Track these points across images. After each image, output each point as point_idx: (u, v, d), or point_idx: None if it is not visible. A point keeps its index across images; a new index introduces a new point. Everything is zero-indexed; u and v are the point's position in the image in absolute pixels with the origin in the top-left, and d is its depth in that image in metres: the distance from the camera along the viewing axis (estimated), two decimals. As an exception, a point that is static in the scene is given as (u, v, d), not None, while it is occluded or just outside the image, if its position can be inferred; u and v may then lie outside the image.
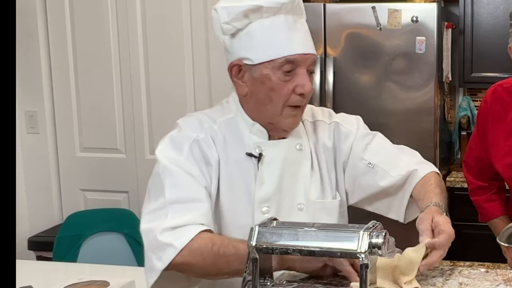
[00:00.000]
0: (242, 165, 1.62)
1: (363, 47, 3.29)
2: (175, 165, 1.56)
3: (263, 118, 1.63)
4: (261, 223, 1.30)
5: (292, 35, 1.56)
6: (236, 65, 1.59)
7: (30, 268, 2.46)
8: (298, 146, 1.67)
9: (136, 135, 3.67)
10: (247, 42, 1.57)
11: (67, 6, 3.68)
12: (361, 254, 1.19)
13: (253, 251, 1.25)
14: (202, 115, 1.67)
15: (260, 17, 1.55)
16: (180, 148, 1.58)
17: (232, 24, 1.56)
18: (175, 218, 1.49)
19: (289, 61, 1.55)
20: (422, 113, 3.27)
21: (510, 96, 2.05)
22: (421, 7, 3.24)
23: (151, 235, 1.49)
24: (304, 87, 1.57)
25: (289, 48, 1.55)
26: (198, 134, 1.60)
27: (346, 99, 3.31)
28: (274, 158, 1.63)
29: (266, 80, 1.56)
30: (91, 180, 3.80)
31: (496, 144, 2.06)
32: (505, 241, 1.69)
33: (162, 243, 1.46)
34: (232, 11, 1.55)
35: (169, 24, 3.58)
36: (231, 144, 1.63)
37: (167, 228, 1.47)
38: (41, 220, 3.80)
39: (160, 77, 3.63)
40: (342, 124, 1.75)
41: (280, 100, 1.58)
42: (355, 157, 1.73)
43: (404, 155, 1.76)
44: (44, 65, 3.75)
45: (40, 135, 3.81)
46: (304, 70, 1.58)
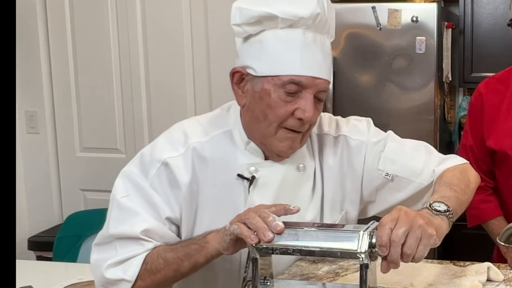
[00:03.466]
0: (230, 187, 1.48)
1: (363, 47, 3.29)
2: (134, 192, 1.46)
3: (255, 137, 1.48)
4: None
5: (305, 53, 1.40)
6: (239, 72, 1.45)
7: (30, 268, 2.46)
8: (300, 167, 1.51)
9: (136, 135, 3.68)
10: (257, 50, 1.42)
11: (67, 6, 3.69)
12: (361, 254, 1.19)
13: (253, 251, 1.25)
14: (193, 126, 1.52)
15: (275, 26, 1.40)
16: (146, 172, 1.47)
17: (243, 27, 1.41)
18: (122, 254, 1.42)
19: (294, 81, 1.39)
20: (422, 113, 3.27)
21: (503, 84, 2.08)
22: (421, 7, 3.24)
23: (98, 272, 1.45)
24: (305, 112, 1.40)
25: (297, 68, 1.39)
26: (171, 154, 1.46)
27: (346, 99, 3.31)
28: (269, 181, 1.47)
29: (265, 95, 1.41)
30: (91, 180, 3.80)
31: (496, 129, 2.04)
32: (505, 241, 1.69)
33: (112, 280, 1.43)
34: (245, 14, 1.40)
35: (169, 24, 3.58)
36: (221, 162, 1.48)
37: (114, 263, 1.42)
38: (41, 220, 3.81)
39: (160, 77, 3.63)
40: (351, 137, 1.58)
41: (275, 119, 1.41)
42: (370, 169, 1.57)
43: (420, 156, 1.59)
44: (44, 65, 3.75)
45: (40, 135, 3.81)
46: (310, 95, 1.40)
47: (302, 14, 1.39)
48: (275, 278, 1.33)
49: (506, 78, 2.09)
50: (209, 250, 1.36)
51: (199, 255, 1.37)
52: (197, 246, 1.38)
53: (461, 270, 1.50)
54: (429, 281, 1.44)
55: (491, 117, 2.06)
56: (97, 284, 1.47)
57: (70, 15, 3.70)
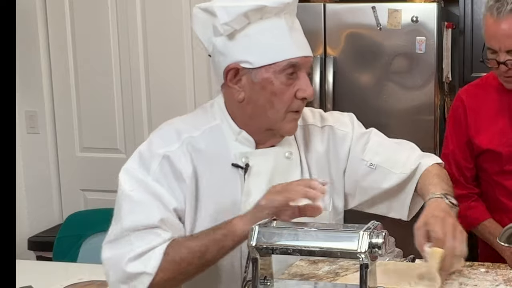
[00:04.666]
0: (227, 176, 1.53)
1: (363, 47, 3.29)
2: (138, 188, 1.47)
3: (261, 125, 1.54)
4: (261, 223, 1.30)
5: (293, 37, 1.50)
6: (233, 68, 1.49)
7: (30, 268, 2.46)
8: (287, 154, 1.58)
9: (136, 135, 3.67)
10: (246, 44, 1.47)
11: (67, 7, 3.68)
12: (361, 254, 1.19)
13: (253, 251, 1.25)
14: (182, 123, 1.57)
15: (260, 18, 1.47)
16: (147, 167, 1.49)
17: (231, 25, 1.46)
18: (140, 247, 1.43)
19: (292, 64, 1.47)
20: (422, 113, 3.27)
21: (482, 89, 2.12)
22: (421, 7, 3.24)
23: (116, 267, 1.44)
24: (306, 91, 1.50)
25: (292, 51, 1.48)
26: (169, 148, 1.50)
27: (346, 99, 3.31)
28: (262, 169, 1.54)
29: (267, 84, 1.48)
30: (91, 180, 3.80)
31: (486, 130, 2.05)
32: (505, 241, 1.69)
33: (133, 274, 1.42)
34: (233, 11, 1.44)
35: (169, 24, 3.58)
36: (215, 154, 1.53)
37: (133, 257, 1.42)
38: (41, 220, 3.80)
39: (160, 77, 3.63)
40: (337, 127, 1.67)
41: (283, 105, 1.50)
42: (354, 159, 1.65)
43: (403, 150, 1.69)
44: (44, 65, 3.75)
45: (40, 135, 3.81)
46: (304, 74, 1.51)
47: (289, 0, 1.48)
48: (275, 278, 1.34)
49: (484, 84, 2.14)
50: (236, 233, 1.41)
51: (226, 239, 1.42)
52: (224, 231, 1.42)
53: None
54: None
55: (476, 120, 2.08)
56: (115, 281, 1.45)
57: (70, 15, 3.69)
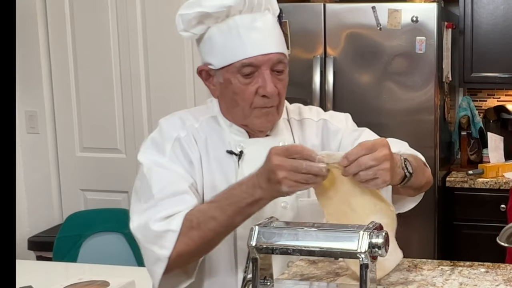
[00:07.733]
0: (223, 163, 1.61)
1: (363, 47, 3.29)
2: (159, 167, 1.56)
3: (236, 120, 1.62)
4: (261, 223, 1.30)
5: (248, 36, 1.53)
6: (203, 69, 1.61)
7: (30, 268, 2.46)
8: (281, 143, 1.61)
9: (136, 135, 3.67)
10: (209, 47, 1.57)
11: (67, 6, 3.68)
12: (361, 254, 1.19)
13: (253, 251, 1.25)
14: (185, 114, 1.67)
15: (215, 21, 1.55)
16: (162, 149, 1.58)
17: (190, 31, 1.57)
18: (166, 209, 1.49)
19: (245, 64, 1.53)
20: (422, 113, 3.27)
21: None
22: (421, 7, 3.24)
23: (144, 229, 1.50)
24: (266, 88, 1.54)
25: (244, 51, 1.52)
26: (179, 133, 1.60)
27: (346, 99, 3.31)
28: (255, 156, 1.56)
29: (228, 84, 1.56)
30: (91, 180, 3.80)
31: None
32: (505, 241, 1.69)
33: (159, 232, 1.48)
34: (185, 18, 1.56)
35: (169, 24, 3.56)
36: (212, 142, 1.62)
37: (159, 219, 1.48)
38: (41, 220, 3.80)
39: (160, 77, 3.63)
40: (331, 122, 1.72)
41: (245, 103, 1.56)
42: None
43: (394, 144, 1.64)
44: (44, 65, 3.75)
45: (40, 135, 3.81)
46: (267, 71, 1.54)
47: (229, 3, 1.52)
48: (275, 278, 1.34)
49: None
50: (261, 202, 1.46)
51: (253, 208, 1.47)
52: (249, 200, 1.45)
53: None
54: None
55: None
56: (145, 243, 1.51)
57: (70, 15, 3.69)
